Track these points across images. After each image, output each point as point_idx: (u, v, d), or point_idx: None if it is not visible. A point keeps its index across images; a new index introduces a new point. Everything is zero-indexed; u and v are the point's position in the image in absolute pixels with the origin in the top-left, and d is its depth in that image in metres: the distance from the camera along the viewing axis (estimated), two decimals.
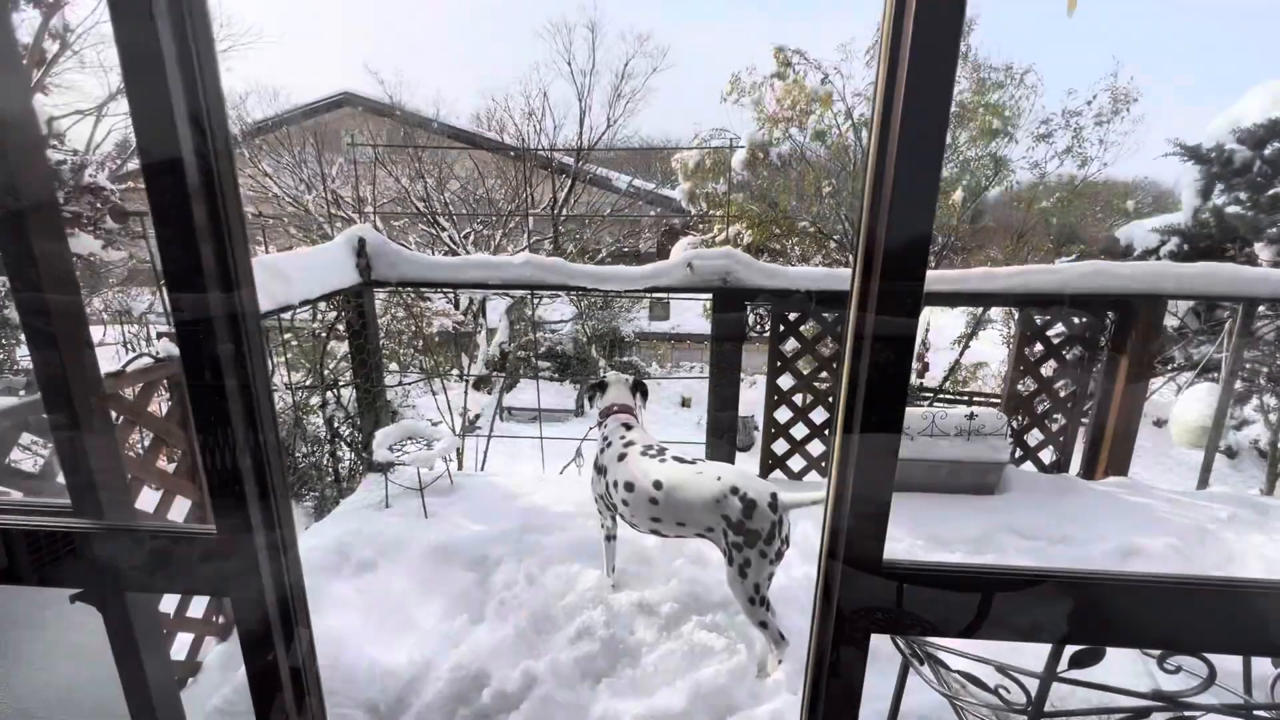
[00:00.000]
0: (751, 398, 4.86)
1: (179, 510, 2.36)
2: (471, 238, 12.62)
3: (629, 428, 2.49)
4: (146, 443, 2.11)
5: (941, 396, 9.57)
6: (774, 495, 2.10)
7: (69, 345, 0.81)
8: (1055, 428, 3.58)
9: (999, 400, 9.16)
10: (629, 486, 2.30)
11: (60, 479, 0.88)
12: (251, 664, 0.81)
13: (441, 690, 2.19)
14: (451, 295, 9.08)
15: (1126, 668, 1.46)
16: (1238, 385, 4.86)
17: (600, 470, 2.47)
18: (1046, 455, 3.66)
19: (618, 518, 2.53)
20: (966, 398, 9.44)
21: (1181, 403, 3.71)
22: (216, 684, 2.19)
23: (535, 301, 7.13)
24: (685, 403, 12.25)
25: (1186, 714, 1.08)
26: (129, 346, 5.21)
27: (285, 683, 0.82)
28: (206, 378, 0.72)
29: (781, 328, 3.40)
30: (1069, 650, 1.09)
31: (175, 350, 2.16)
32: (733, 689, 2.19)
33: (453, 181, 13.02)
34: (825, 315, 3.33)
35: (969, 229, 8.94)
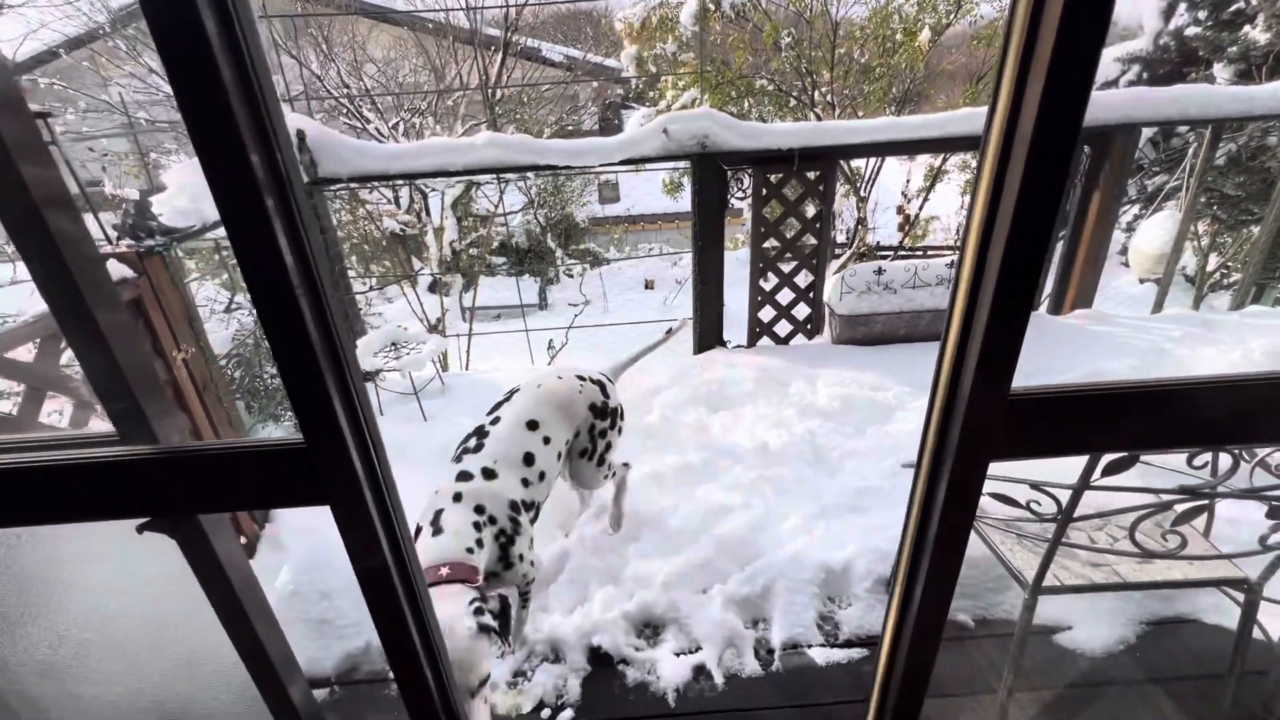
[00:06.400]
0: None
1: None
2: (401, 128, 11.61)
3: None
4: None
5: (918, 250, 9.70)
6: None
7: (74, 256, 0.69)
8: None
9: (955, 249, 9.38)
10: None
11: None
12: (361, 566, 0.80)
13: None
14: (392, 194, 8.45)
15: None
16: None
17: None
18: None
19: None
20: (949, 254, 9.60)
21: (1141, 233, 3.83)
22: (273, 568, 2.27)
23: (502, 186, 6.66)
24: (649, 285, 12.20)
25: (1203, 503, 1.20)
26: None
27: (395, 580, 0.81)
28: (267, 270, 0.63)
29: (764, 191, 3.29)
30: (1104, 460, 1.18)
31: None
32: (754, 538, 2.35)
33: (369, 65, 11.73)
34: (809, 174, 3.23)
35: (924, 75, 8.65)
